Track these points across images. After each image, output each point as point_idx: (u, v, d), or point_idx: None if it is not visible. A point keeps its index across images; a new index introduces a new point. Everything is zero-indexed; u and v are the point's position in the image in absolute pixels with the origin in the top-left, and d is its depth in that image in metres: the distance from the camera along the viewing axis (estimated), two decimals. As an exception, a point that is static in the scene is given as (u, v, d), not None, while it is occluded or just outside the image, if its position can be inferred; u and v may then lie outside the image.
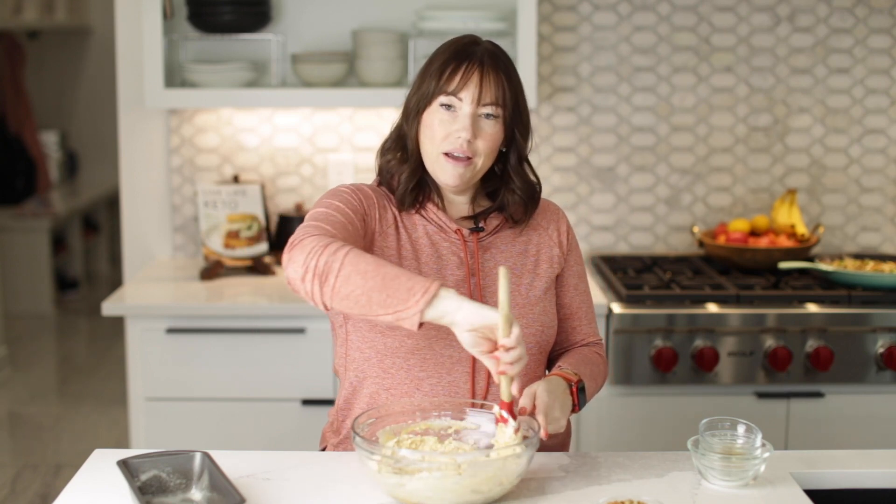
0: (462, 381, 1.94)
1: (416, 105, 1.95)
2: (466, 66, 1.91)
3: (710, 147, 3.47)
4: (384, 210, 1.99)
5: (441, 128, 1.91)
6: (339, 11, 3.34)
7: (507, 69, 1.94)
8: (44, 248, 6.40)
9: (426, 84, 1.94)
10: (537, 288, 2.02)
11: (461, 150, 1.91)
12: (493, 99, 1.91)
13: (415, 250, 1.98)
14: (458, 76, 1.90)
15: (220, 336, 2.94)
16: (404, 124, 1.98)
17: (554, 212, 2.10)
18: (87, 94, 7.50)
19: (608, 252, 3.48)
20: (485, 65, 1.91)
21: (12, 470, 4.20)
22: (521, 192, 2.00)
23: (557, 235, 2.07)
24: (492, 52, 1.94)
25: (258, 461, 1.87)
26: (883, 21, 3.42)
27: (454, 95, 1.90)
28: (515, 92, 1.94)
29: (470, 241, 1.99)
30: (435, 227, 1.99)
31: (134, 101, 3.40)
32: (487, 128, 1.92)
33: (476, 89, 1.90)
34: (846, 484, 1.90)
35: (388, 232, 1.98)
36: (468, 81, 1.90)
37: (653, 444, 2.86)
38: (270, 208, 3.43)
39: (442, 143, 1.91)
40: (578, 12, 3.39)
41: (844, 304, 2.93)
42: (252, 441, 2.94)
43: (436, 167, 1.94)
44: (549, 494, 1.76)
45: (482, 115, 1.92)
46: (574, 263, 2.09)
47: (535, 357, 1.99)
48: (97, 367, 5.60)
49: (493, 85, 1.91)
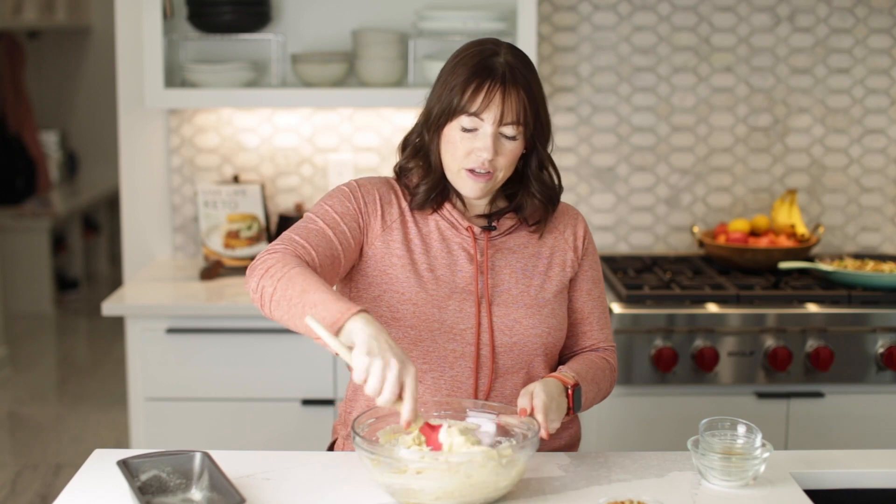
0: (465, 376, 1.95)
1: (438, 119, 1.94)
2: (489, 86, 1.89)
3: (710, 147, 3.47)
4: (389, 205, 2.00)
5: (462, 145, 1.91)
6: (339, 11, 3.34)
7: (528, 82, 1.92)
8: (44, 248, 6.41)
9: (447, 98, 1.92)
10: (547, 290, 2.01)
11: (482, 167, 1.91)
12: (515, 118, 1.90)
13: (425, 244, 1.99)
14: (481, 97, 1.89)
15: (220, 336, 2.94)
16: (426, 134, 1.97)
17: (573, 216, 2.10)
18: (87, 94, 7.50)
19: (608, 252, 3.47)
20: (507, 83, 1.89)
21: (12, 470, 4.20)
22: (539, 195, 2.00)
23: (574, 239, 2.07)
24: (513, 66, 1.91)
25: (258, 461, 1.87)
26: (883, 21, 3.42)
27: (476, 116, 1.90)
28: (536, 105, 1.93)
29: (481, 238, 2.00)
30: (447, 224, 2.00)
31: (134, 101, 3.40)
32: (508, 144, 1.92)
33: (497, 110, 1.89)
34: (846, 484, 1.90)
35: (392, 227, 1.98)
36: (490, 103, 1.89)
37: (653, 444, 2.86)
38: (270, 208, 3.43)
39: (464, 159, 1.92)
40: (578, 12, 3.39)
41: (844, 304, 2.93)
42: (252, 441, 2.94)
43: (458, 180, 1.95)
44: (549, 494, 1.76)
45: (504, 134, 1.91)
46: (589, 268, 2.08)
47: (540, 359, 1.99)
48: (97, 367, 5.60)
49: (514, 104, 1.90)
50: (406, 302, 1.94)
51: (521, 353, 1.97)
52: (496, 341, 1.95)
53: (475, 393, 1.95)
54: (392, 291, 1.96)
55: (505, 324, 1.96)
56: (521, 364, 1.97)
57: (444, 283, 1.96)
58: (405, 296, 1.95)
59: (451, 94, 1.91)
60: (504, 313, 1.97)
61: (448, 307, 1.95)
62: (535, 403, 1.81)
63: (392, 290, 1.96)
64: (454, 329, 1.94)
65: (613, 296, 2.99)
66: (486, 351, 1.95)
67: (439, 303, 1.95)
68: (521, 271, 2.00)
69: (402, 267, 1.96)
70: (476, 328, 1.95)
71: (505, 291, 1.98)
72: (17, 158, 6.81)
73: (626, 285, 2.99)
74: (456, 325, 1.94)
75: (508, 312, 1.97)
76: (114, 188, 6.82)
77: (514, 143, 1.92)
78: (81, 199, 6.98)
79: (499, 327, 1.96)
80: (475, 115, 1.89)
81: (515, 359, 1.97)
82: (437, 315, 1.94)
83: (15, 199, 6.70)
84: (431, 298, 1.95)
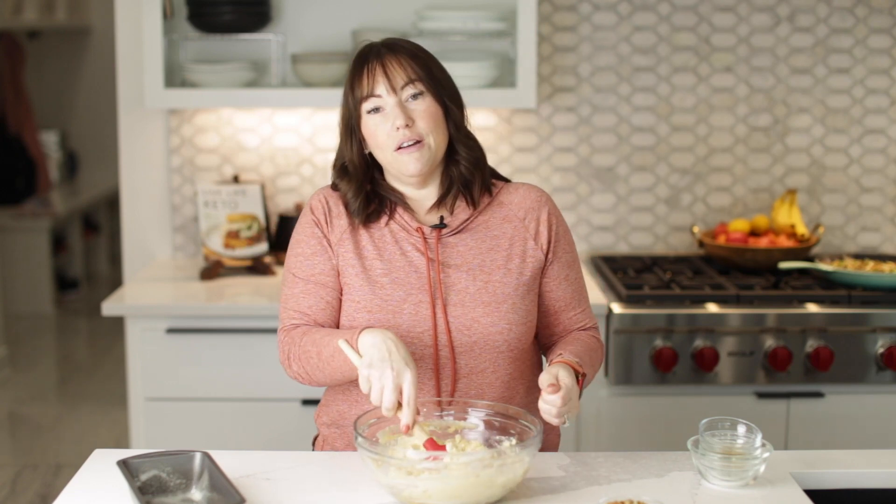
0: (426, 377, 1.93)
1: (348, 124, 1.99)
2: (369, 65, 1.95)
3: (710, 147, 3.47)
4: (338, 217, 2.01)
5: (380, 131, 1.94)
6: (339, 11, 3.34)
7: (410, 49, 1.97)
8: (44, 248, 6.41)
9: (348, 100, 1.99)
10: (507, 285, 1.97)
11: (406, 139, 1.92)
12: (406, 78, 1.93)
13: (378, 249, 1.98)
14: (365, 77, 1.94)
15: (220, 336, 2.94)
16: (346, 149, 2.01)
17: (535, 201, 2.04)
18: (87, 94, 7.50)
19: (608, 252, 3.48)
20: (383, 55, 1.95)
21: (12, 470, 4.20)
22: (465, 160, 2.00)
23: (536, 226, 2.02)
24: (388, 43, 1.98)
25: (258, 461, 1.87)
26: (883, 21, 3.42)
27: (372, 95, 1.94)
28: (426, 64, 1.96)
29: (431, 237, 1.98)
30: (399, 227, 2.00)
31: (134, 101, 3.40)
32: (419, 107, 1.94)
33: (384, 79, 1.93)
34: (846, 484, 1.90)
35: (343, 239, 1.99)
36: (375, 75, 1.93)
37: (653, 444, 2.86)
38: (270, 208, 3.43)
39: (388, 142, 1.93)
40: (578, 12, 3.39)
41: (844, 304, 2.93)
42: (252, 441, 2.94)
43: (397, 166, 1.95)
44: (549, 494, 1.76)
45: (406, 98, 1.94)
46: (563, 253, 2.04)
47: (505, 356, 1.96)
48: (97, 367, 5.61)
49: (398, 67, 1.94)
50: (361, 309, 1.95)
51: (483, 352, 1.94)
52: (454, 342, 1.93)
53: (438, 393, 1.94)
54: (349, 300, 1.97)
55: (462, 323, 1.94)
56: (484, 363, 1.95)
57: (400, 286, 1.95)
58: (360, 303, 1.95)
59: (348, 95, 1.98)
60: (461, 313, 1.94)
61: (403, 311, 1.94)
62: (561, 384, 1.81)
63: (348, 299, 1.97)
64: (411, 332, 1.93)
65: (613, 296, 2.99)
66: (446, 352, 1.93)
67: (394, 307, 1.94)
68: (477, 267, 1.97)
69: (355, 275, 1.97)
70: (433, 329, 1.93)
71: (462, 290, 1.95)
72: (17, 158, 6.81)
73: (626, 285, 2.99)
74: (412, 329, 1.93)
75: (465, 311, 1.94)
76: (114, 188, 6.82)
77: (424, 101, 1.94)
78: (81, 199, 6.98)
79: (456, 327, 1.93)
80: (371, 95, 1.94)
81: (477, 358, 1.94)
82: (392, 319, 1.93)
83: (15, 199, 6.71)
84: (385, 304, 1.94)
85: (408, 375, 1.72)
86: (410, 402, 1.72)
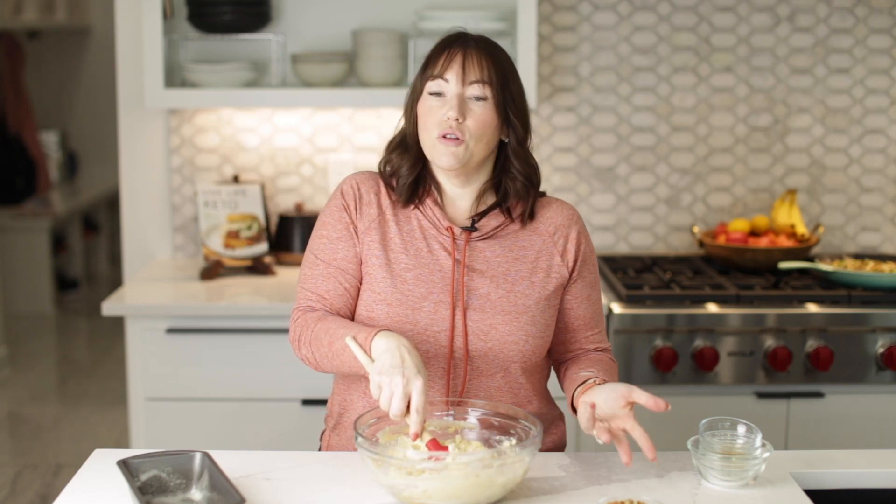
0: (437, 375, 1.94)
1: (410, 98, 1.99)
2: (451, 49, 1.94)
3: (710, 147, 3.47)
4: (369, 206, 2.00)
5: (432, 114, 1.93)
6: (339, 11, 3.34)
7: (495, 53, 1.95)
8: (44, 248, 6.41)
9: (418, 75, 1.98)
10: (529, 297, 1.97)
11: (451, 131, 1.91)
12: (479, 77, 1.92)
13: (405, 243, 1.97)
14: (442, 59, 1.93)
15: (220, 336, 2.94)
16: (405, 123, 2.01)
17: (567, 218, 2.04)
18: (87, 94, 7.50)
19: (608, 252, 3.47)
20: (468, 47, 1.94)
21: (12, 470, 4.20)
22: (521, 176, 1.99)
23: (564, 243, 2.02)
24: (478, 39, 1.97)
25: (258, 461, 1.87)
26: (883, 21, 3.42)
27: (440, 78, 1.93)
28: (503, 72, 1.95)
29: (460, 239, 1.98)
30: (428, 222, 1.99)
31: (134, 101, 3.40)
32: (477, 109, 1.93)
33: (459, 69, 1.92)
34: (846, 484, 1.90)
35: (370, 228, 1.98)
36: (452, 62, 1.92)
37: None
38: (270, 208, 3.43)
39: (434, 128, 1.92)
40: (578, 12, 3.39)
41: (844, 304, 2.93)
42: (252, 441, 2.94)
43: (434, 153, 1.94)
44: (549, 494, 1.76)
45: (471, 97, 1.92)
46: (588, 273, 2.05)
47: (517, 365, 1.96)
48: (97, 367, 5.61)
49: (476, 64, 1.92)
50: (380, 301, 1.94)
51: (497, 359, 1.94)
52: (470, 346, 1.93)
53: (448, 392, 1.94)
54: (369, 291, 1.96)
55: (480, 329, 1.94)
56: (496, 368, 1.95)
57: (422, 283, 1.95)
58: (380, 295, 1.95)
59: (419, 73, 1.97)
60: (480, 318, 1.94)
61: (423, 308, 1.93)
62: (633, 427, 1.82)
63: (368, 290, 1.97)
64: (427, 331, 1.93)
65: (613, 296, 2.99)
66: (460, 354, 1.93)
67: (413, 303, 1.93)
68: (502, 276, 1.97)
69: (378, 266, 1.96)
70: (450, 331, 1.93)
71: (483, 296, 1.95)
72: (17, 158, 6.81)
73: (626, 285, 2.99)
74: (430, 327, 1.93)
75: (485, 318, 1.94)
76: (114, 188, 6.82)
77: (484, 107, 1.92)
78: (81, 199, 6.98)
79: (473, 332, 1.93)
80: (440, 77, 1.93)
81: (490, 363, 1.95)
82: (411, 316, 1.93)
83: (15, 199, 6.71)
84: (405, 299, 1.94)
85: (417, 384, 1.71)
86: (419, 410, 1.72)
